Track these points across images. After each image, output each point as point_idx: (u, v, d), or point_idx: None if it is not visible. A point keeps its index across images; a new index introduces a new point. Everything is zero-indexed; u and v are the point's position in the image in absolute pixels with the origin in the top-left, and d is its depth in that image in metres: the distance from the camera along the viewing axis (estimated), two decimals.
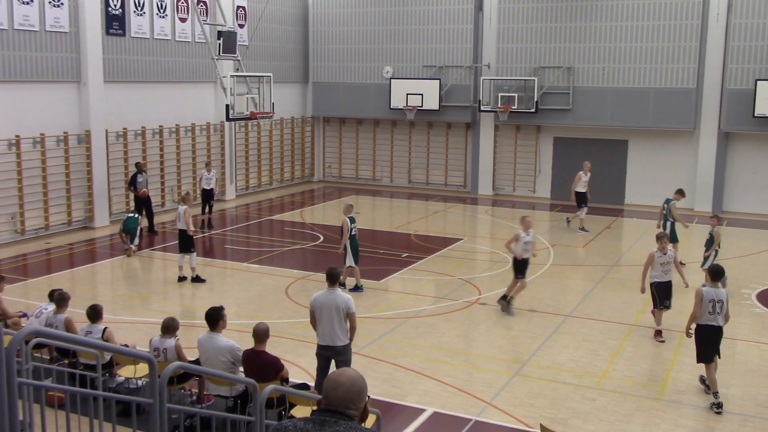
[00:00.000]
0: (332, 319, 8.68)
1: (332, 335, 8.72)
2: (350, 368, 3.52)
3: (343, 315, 8.68)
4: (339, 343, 8.74)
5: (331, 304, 8.69)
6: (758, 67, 22.48)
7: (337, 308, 8.66)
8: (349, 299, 8.77)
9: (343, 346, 8.79)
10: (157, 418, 5.43)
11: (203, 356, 8.51)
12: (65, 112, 19.24)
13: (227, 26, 19.34)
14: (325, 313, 8.71)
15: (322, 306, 8.75)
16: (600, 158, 25.30)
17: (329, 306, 8.70)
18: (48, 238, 18.62)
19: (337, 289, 8.84)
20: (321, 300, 8.79)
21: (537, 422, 8.67)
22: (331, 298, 8.73)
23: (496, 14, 25.82)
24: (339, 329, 8.71)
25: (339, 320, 8.69)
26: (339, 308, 8.66)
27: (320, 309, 8.75)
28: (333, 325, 8.69)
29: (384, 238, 19.35)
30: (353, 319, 8.78)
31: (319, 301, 8.81)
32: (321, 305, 8.75)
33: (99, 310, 9.35)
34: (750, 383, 10.37)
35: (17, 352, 4.83)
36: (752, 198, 23.52)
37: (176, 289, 15.05)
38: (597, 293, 14.65)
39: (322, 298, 8.81)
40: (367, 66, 27.90)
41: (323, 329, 8.78)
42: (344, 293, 8.91)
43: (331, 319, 8.69)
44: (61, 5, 18.72)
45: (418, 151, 28.26)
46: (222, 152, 24.75)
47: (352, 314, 8.74)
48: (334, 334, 8.71)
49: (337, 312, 8.67)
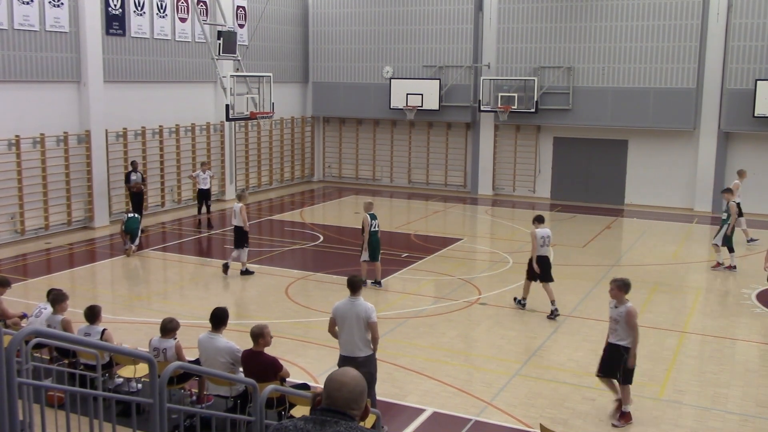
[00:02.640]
0: (353, 329, 8.47)
1: (353, 346, 8.50)
2: (351, 368, 3.50)
3: (363, 325, 8.46)
4: (360, 354, 8.49)
5: (353, 314, 8.48)
6: (758, 67, 22.48)
7: (358, 318, 8.45)
8: (371, 309, 8.53)
9: (365, 357, 8.52)
10: (157, 418, 5.42)
11: (203, 356, 8.51)
12: (65, 112, 19.24)
13: (227, 26, 19.33)
14: (347, 322, 8.50)
15: (343, 315, 8.53)
16: (600, 158, 25.35)
17: (350, 315, 8.48)
18: (48, 238, 18.62)
19: (360, 297, 8.61)
20: (342, 309, 8.57)
21: (537, 422, 8.67)
22: (353, 308, 8.51)
23: (496, 14, 25.82)
24: (360, 340, 8.48)
25: (360, 330, 8.47)
26: (360, 318, 8.45)
27: (342, 318, 8.54)
28: (354, 336, 8.48)
29: (384, 238, 19.27)
30: (375, 329, 8.52)
31: (340, 310, 8.58)
32: (342, 314, 8.54)
33: (97, 312, 9.28)
34: (750, 383, 10.37)
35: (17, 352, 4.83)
36: (752, 198, 23.50)
37: (176, 290, 15.06)
38: (597, 293, 14.65)
39: (343, 307, 8.58)
40: (367, 66, 27.90)
41: (344, 339, 8.56)
42: (366, 302, 8.64)
43: (352, 329, 8.47)
44: (61, 5, 18.72)
45: (418, 151, 28.26)
46: (222, 152, 24.75)
47: (374, 324, 8.48)
48: (354, 344, 8.49)
49: (358, 322, 8.45)
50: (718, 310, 13.69)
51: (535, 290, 14.71)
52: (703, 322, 13.08)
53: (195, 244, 19.09)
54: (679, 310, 13.70)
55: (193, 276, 16.23)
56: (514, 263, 16.91)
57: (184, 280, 16.00)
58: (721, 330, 12.63)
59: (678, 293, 14.79)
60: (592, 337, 12.08)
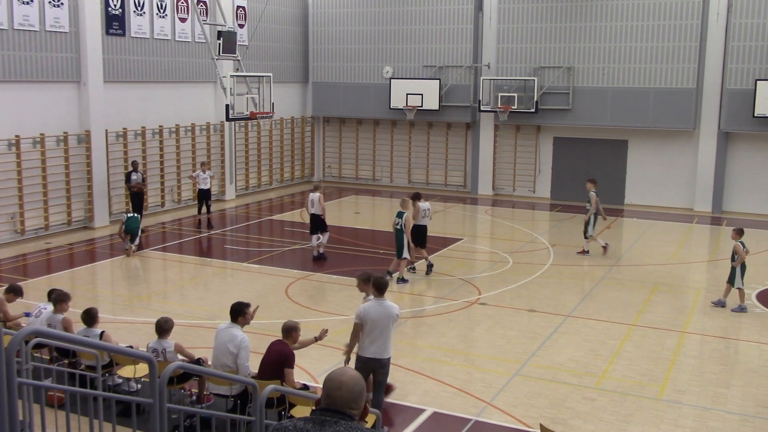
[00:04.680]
0: (384, 331, 8.43)
1: (383, 348, 8.46)
2: (350, 368, 3.51)
3: (392, 325, 8.51)
4: (386, 356, 8.51)
5: (384, 316, 8.42)
6: (758, 67, 22.48)
7: (389, 319, 8.44)
8: (397, 307, 8.60)
9: (388, 359, 8.57)
10: (157, 418, 5.42)
11: (215, 343, 8.55)
12: (65, 112, 19.24)
13: (227, 26, 19.32)
14: (379, 325, 8.42)
15: (375, 319, 8.40)
16: (600, 158, 25.34)
17: (382, 318, 8.41)
18: (48, 238, 18.62)
19: (386, 299, 8.60)
20: (374, 313, 8.42)
21: (537, 422, 8.67)
22: (383, 310, 8.45)
23: (496, 14, 25.82)
24: (388, 342, 8.49)
25: (389, 331, 8.48)
26: (390, 318, 8.44)
27: (373, 322, 8.41)
28: (386, 338, 8.46)
29: (384, 238, 19.31)
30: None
31: (372, 314, 8.42)
32: (375, 318, 8.41)
33: (94, 314, 9.25)
34: (750, 383, 10.37)
35: (17, 352, 4.83)
36: (752, 198, 23.52)
37: (176, 289, 15.07)
38: (597, 293, 14.65)
39: (374, 310, 8.44)
40: (367, 66, 27.90)
41: (373, 342, 8.45)
42: (394, 303, 8.64)
43: (383, 331, 8.43)
44: (61, 5, 18.72)
45: (418, 151, 28.26)
46: (222, 152, 24.74)
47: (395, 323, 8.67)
48: (384, 347, 8.47)
49: (389, 323, 8.45)
50: (718, 310, 13.68)
51: (535, 290, 14.74)
52: (703, 322, 13.08)
53: (195, 244, 19.09)
54: (679, 310, 13.70)
55: (193, 276, 16.23)
56: (514, 263, 16.92)
57: (184, 280, 16.00)
58: (721, 330, 12.63)
59: (678, 293, 14.79)
60: (592, 337, 12.08)
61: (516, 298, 14.22)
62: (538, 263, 16.97)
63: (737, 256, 13.73)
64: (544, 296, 14.39)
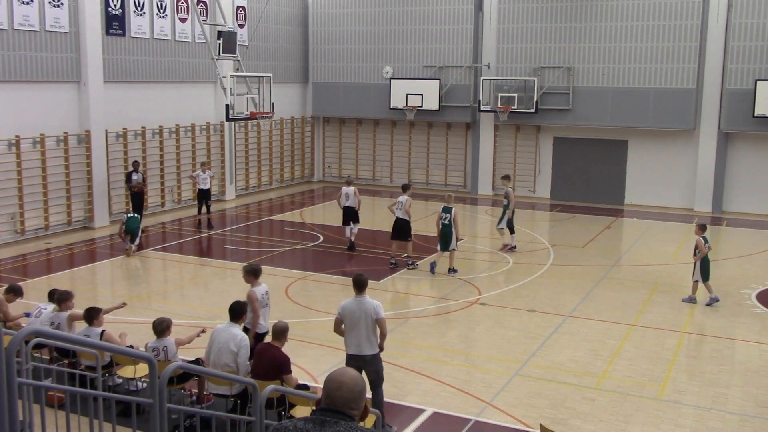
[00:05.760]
0: (361, 328, 8.49)
1: (361, 345, 8.53)
2: (350, 368, 3.50)
3: (372, 323, 8.50)
4: (368, 352, 8.54)
5: (361, 312, 8.49)
6: (758, 67, 22.48)
7: (366, 316, 8.48)
8: (378, 305, 8.58)
9: (372, 355, 8.58)
10: (157, 418, 5.43)
11: (214, 344, 8.49)
12: (65, 112, 19.24)
13: (227, 26, 19.32)
14: (355, 321, 8.51)
15: (351, 314, 8.52)
16: (600, 158, 25.35)
17: (359, 314, 8.49)
18: (48, 238, 18.62)
19: (366, 296, 8.64)
20: (350, 308, 8.56)
21: (537, 422, 8.67)
22: (361, 306, 8.54)
23: (496, 14, 25.82)
24: (368, 338, 8.52)
25: (368, 329, 8.50)
26: (368, 316, 8.48)
27: (350, 317, 8.53)
28: (362, 334, 8.51)
29: (384, 238, 19.30)
30: (383, 325, 8.58)
31: (348, 309, 8.56)
32: (351, 314, 8.53)
33: (95, 313, 9.27)
34: (750, 383, 10.37)
35: (17, 352, 4.83)
36: (752, 198, 23.52)
37: (176, 289, 15.06)
38: (597, 293, 14.65)
39: (351, 306, 8.56)
40: (367, 66, 27.90)
41: (352, 338, 8.57)
42: (373, 300, 8.68)
43: (360, 327, 8.49)
44: (61, 5, 18.72)
45: (418, 151, 28.27)
46: (222, 152, 24.74)
47: (382, 320, 8.54)
48: (362, 343, 8.53)
49: (366, 320, 8.48)
50: (717, 310, 13.69)
51: (535, 290, 14.73)
52: (703, 322, 13.08)
53: (195, 244, 19.09)
54: (679, 310, 13.70)
55: (193, 276, 16.23)
56: (514, 263, 16.92)
57: (184, 280, 16.00)
58: (721, 330, 12.63)
59: (678, 293, 14.78)
60: (592, 337, 12.08)
61: (516, 298, 14.23)
62: (538, 263, 16.98)
63: (698, 251, 13.76)
64: (544, 296, 14.39)
